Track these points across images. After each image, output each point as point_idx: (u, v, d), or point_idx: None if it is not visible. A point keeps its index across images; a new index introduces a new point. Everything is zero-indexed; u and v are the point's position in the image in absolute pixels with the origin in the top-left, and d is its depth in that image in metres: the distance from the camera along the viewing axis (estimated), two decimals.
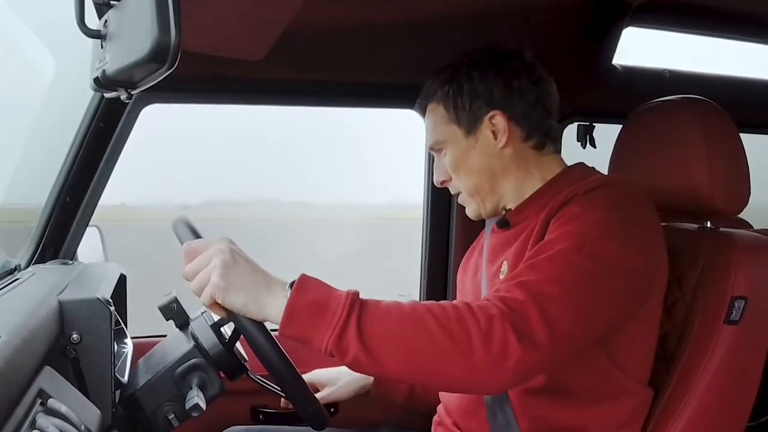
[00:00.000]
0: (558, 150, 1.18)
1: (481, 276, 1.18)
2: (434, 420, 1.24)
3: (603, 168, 1.30)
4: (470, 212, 1.19)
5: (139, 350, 1.15)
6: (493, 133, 1.11)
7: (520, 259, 1.04)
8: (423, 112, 1.19)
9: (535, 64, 1.14)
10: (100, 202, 1.39)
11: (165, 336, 1.17)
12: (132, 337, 1.16)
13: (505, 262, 1.11)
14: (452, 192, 1.20)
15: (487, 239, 1.22)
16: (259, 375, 1.15)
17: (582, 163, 1.17)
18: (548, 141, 1.14)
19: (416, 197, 1.68)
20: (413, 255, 1.70)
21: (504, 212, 1.17)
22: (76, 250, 1.42)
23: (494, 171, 1.13)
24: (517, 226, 1.13)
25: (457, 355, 0.84)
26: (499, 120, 1.10)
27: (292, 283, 0.87)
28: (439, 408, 1.23)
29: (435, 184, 1.20)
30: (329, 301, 0.85)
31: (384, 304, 0.88)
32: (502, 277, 1.10)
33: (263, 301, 0.87)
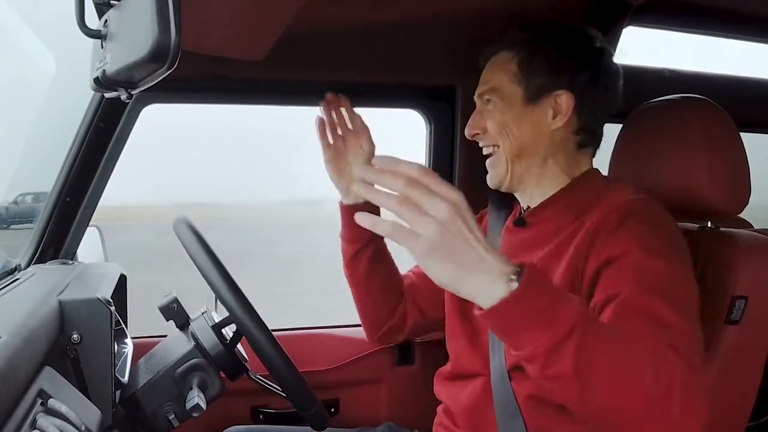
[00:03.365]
0: (593, 154, 1.15)
1: None
2: (435, 421, 1.24)
3: (603, 168, 1.30)
4: (494, 177, 1.12)
5: (140, 350, 1.15)
6: (553, 111, 1.07)
7: (559, 279, 1.01)
8: (489, 55, 1.12)
9: (621, 74, 1.11)
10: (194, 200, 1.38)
11: (165, 336, 1.17)
12: (132, 337, 1.16)
13: None
14: (481, 145, 1.12)
15: (498, 236, 1.19)
16: (260, 375, 1.15)
17: (597, 171, 1.14)
18: (590, 144, 1.12)
19: None
20: None
21: (523, 211, 1.14)
22: (76, 250, 1.42)
23: (536, 148, 1.08)
24: (534, 227, 1.11)
25: (659, 412, 0.76)
26: (566, 102, 1.06)
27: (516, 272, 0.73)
28: (439, 409, 1.23)
29: (466, 135, 1.13)
30: (556, 306, 0.74)
31: (607, 328, 0.81)
32: None
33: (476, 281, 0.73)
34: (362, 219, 0.73)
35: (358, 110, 1.34)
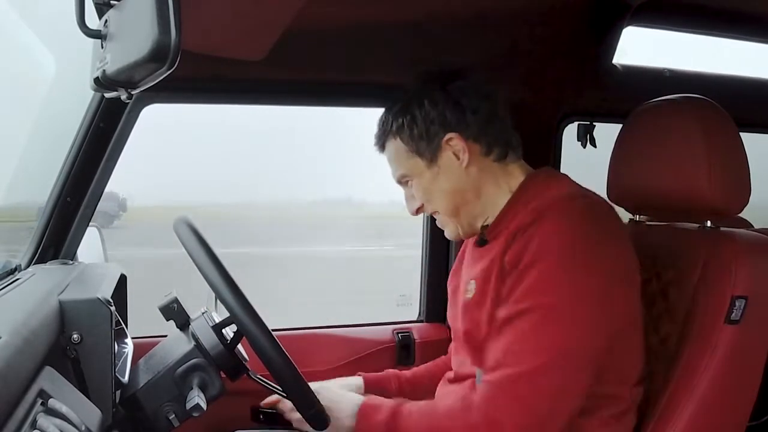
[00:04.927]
0: (521, 155, 1.18)
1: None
2: None
3: (603, 168, 1.30)
4: (448, 234, 1.21)
5: (140, 350, 1.15)
6: (455, 154, 1.13)
7: (486, 282, 1.08)
8: (382, 149, 1.20)
9: (481, 78, 1.16)
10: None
11: (165, 336, 1.17)
12: (132, 338, 1.16)
13: (472, 282, 1.13)
14: (428, 214, 1.21)
15: (468, 255, 1.23)
16: (260, 375, 1.15)
17: (544, 170, 1.17)
18: (509, 150, 1.15)
19: None
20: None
21: (482, 230, 1.17)
22: (76, 250, 1.42)
23: (465, 190, 1.15)
24: (492, 241, 1.14)
25: None
26: (456, 140, 1.12)
27: None
28: None
29: (410, 214, 1.22)
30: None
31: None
32: (468, 296, 1.13)
33: None
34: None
35: (357, 110, 1.34)
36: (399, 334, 1.59)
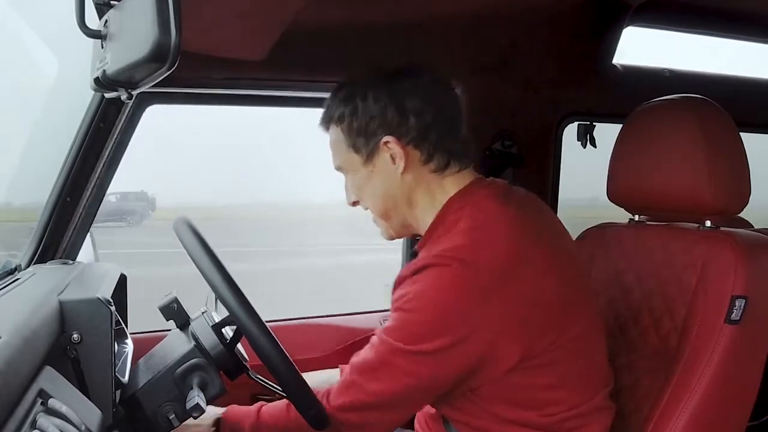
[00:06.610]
0: (462, 167, 1.11)
1: None
2: None
3: (603, 168, 1.30)
4: (381, 234, 1.18)
5: (140, 346, 1.15)
6: (392, 157, 1.08)
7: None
8: (326, 130, 1.16)
9: (433, 82, 1.11)
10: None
11: (166, 331, 1.17)
12: (132, 333, 1.16)
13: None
14: (364, 210, 1.17)
15: None
16: (260, 375, 1.15)
17: (469, 189, 1.10)
18: (452, 159, 1.10)
19: None
20: None
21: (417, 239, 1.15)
22: (77, 250, 1.42)
23: (396, 197, 1.11)
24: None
25: None
26: (393, 144, 1.07)
27: None
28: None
29: (348, 205, 1.18)
30: None
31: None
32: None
33: None
34: None
35: None
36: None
